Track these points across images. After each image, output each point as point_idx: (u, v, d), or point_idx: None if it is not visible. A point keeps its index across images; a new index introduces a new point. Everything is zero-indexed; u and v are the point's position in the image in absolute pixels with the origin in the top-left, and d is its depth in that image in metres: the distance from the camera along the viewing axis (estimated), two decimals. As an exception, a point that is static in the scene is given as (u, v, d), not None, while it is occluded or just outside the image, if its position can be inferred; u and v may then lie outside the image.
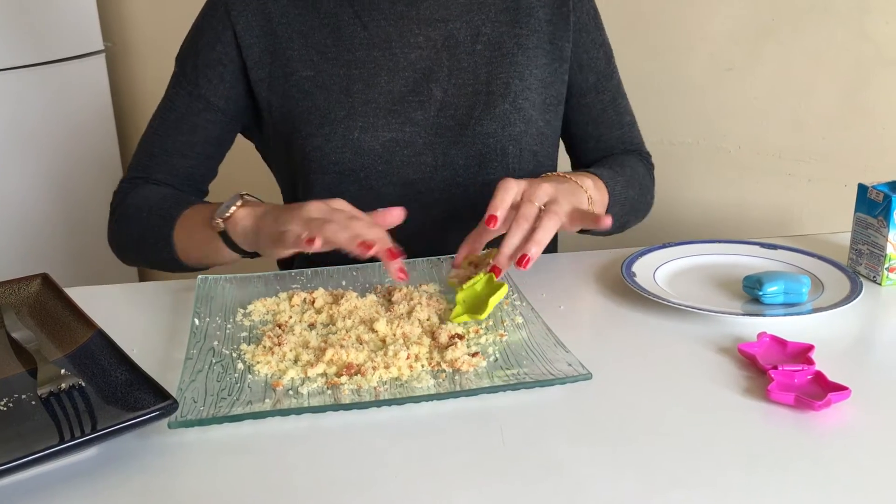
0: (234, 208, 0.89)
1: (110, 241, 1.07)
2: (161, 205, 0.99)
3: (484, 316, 0.83)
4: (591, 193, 0.96)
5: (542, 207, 0.87)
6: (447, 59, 1.04)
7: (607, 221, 0.86)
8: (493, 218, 0.85)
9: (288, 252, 0.85)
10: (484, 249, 0.93)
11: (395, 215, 0.86)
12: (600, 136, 1.15)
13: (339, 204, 0.84)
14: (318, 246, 0.78)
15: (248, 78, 1.04)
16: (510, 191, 0.86)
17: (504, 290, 0.85)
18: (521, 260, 0.84)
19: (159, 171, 1.06)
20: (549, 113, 1.10)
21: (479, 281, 0.87)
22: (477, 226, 0.91)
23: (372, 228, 0.80)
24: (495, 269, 0.85)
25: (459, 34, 1.05)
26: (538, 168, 1.13)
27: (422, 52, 1.04)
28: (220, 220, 0.89)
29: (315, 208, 0.82)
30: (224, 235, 0.90)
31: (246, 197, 0.91)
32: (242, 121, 1.09)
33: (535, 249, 0.84)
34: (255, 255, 0.93)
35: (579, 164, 1.18)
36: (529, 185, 0.88)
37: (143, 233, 1.00)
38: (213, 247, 0.92)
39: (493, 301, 0.84)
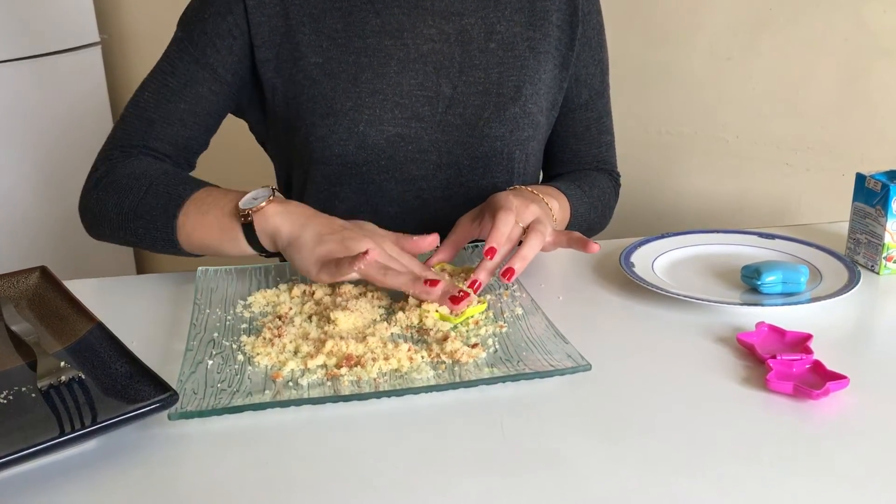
0: (264, 202, 0.86)
1: (85, 209, 0.98)
2: (164, 181, 0.93)
3: (457, 321, 0.82)
4: (556, 215, 0.97)
5: (526, 227, 0.88)
6: (459, 54, 1.03)
7: (595, 248, 0.87)
8: (493, 251, 0.84)
9: (332, 279, 0.83)
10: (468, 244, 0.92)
11: (429, 242, 0.87)
12: (578, 151, 1.15)
13: (371, 227, 0.87)
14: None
15: (254, 56, 1.00)
16: (510, 224, 0.86)
17: (483, 307, 0.84)
18: (505, 272, 0.85)
19: (157, 138, 1.00)
20: (549, 119, 1.10)
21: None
22: (453, 230, 0.92)
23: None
24: (474, 284, 0.84)
25: (473, 30, 1.03)
26: (537, 174, 1.13)
27: (434, 45, 1.02)
28: (248, 211, 0.86)
29: (363, 240, 0.83)
30: (247, 228, 0.87)
31: (277, 194, 0.87)
32: (241, 98, 1.05)
33: (520, 264, 0.85)
34: (272, 255, 0.90)
35: (549, 174, 1.18)
36: (518, 208, 0.89)
37: (138, 207, 0.92)
38: (229, 237, 0.88)
39: (470, 311, 0.83)
